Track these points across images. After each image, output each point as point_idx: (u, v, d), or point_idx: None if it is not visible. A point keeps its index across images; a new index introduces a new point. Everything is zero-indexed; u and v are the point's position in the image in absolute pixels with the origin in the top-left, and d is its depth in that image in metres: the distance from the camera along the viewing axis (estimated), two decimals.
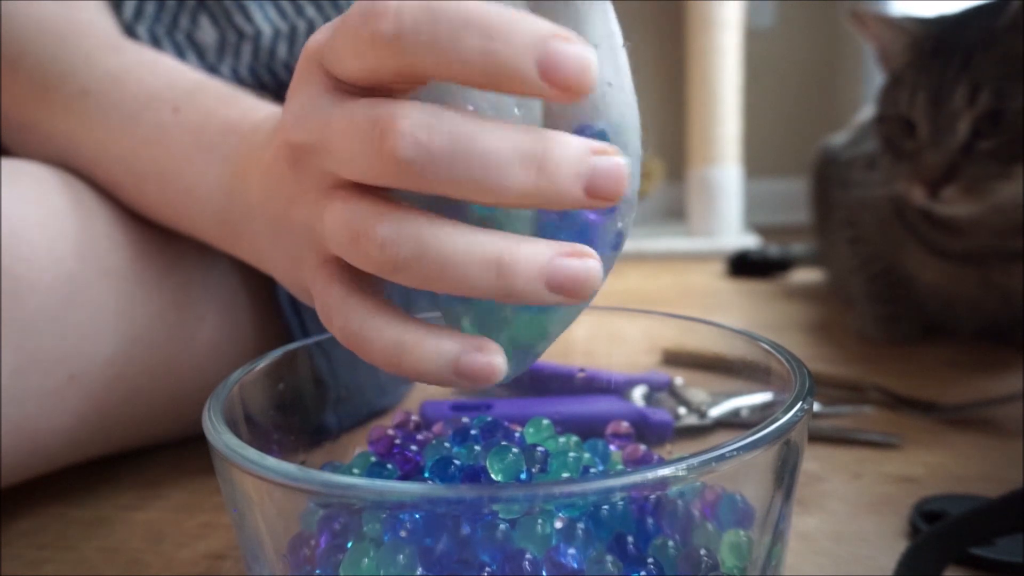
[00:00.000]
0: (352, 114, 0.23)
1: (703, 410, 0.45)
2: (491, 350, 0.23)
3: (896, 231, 0.67)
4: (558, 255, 0.22)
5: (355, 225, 0.23)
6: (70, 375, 0.38)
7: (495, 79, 0.21)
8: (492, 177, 0.21)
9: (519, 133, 0.21)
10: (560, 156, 0.21)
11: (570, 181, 0.21)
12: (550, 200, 0.21)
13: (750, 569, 0.26)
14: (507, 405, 0.45)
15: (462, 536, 0.24)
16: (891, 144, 0.62)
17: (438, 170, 0.21)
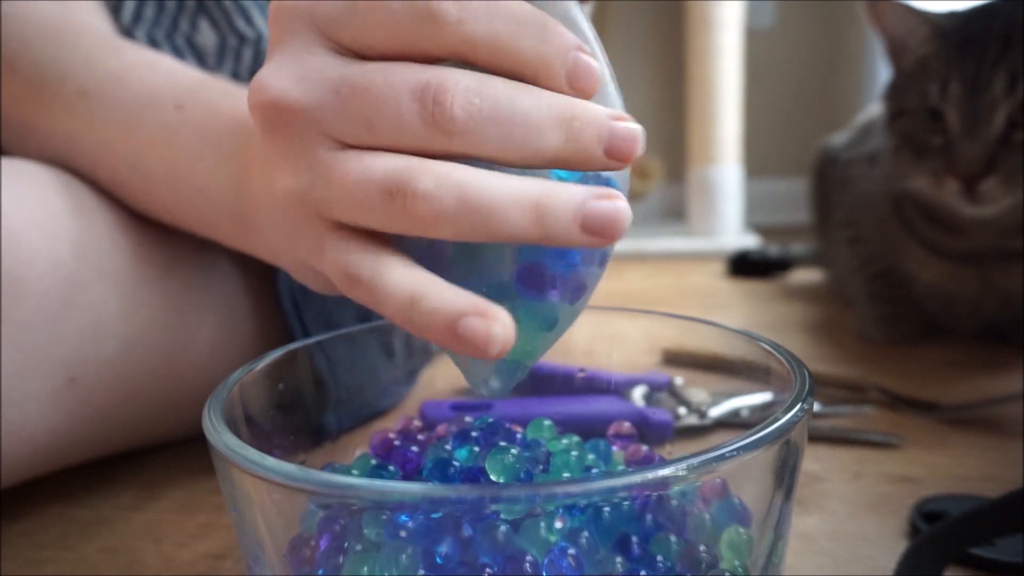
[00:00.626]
0: (388, 76, 0.24)
1: (703, 410, 0.45)
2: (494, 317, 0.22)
3: (896, 231, 0.67)
4: (591, 197, 0.23)
5: (391, 182, 0.23)
6: (70, 377, 0.38)
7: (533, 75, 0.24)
8: (531, 138, 0.23)
9: (551, 98, 0.24)
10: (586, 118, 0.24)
11: (594, 142, 0.24)
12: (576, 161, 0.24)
13: (751, 569, 0.26)
14: (507, 405, 0.45)
15: (463, 538, 0.24)
16: (912, 139, 0.61)
17: (484, 132, 0.23)
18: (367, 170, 0.24)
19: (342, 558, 0.25)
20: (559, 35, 0.24)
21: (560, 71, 0.24)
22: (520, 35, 0.24)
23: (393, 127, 0.24)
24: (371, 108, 0.24)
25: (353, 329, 0.38)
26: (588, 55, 0.24)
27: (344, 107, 0.24)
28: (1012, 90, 0.55)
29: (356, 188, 0.24)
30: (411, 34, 0.24)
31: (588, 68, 0.24)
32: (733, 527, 0.26)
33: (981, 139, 0.55)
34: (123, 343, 0.40)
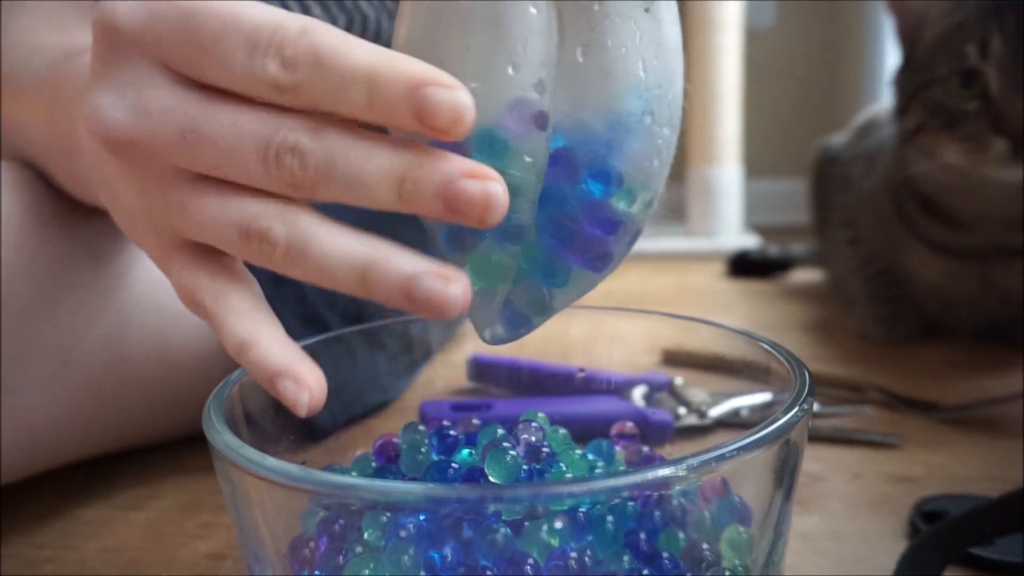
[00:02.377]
0: (236, 127, 0.23)
1: (703, 410, 0.45)
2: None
3: (896, 228, 0.67)
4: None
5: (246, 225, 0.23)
6: (64, 360, 0.38)
7: (380, 122, 0.22)
8: (366, 196, 0.23)
9: (385, 155, 0.22)
10: (420, 178, 0.22)
11: (431, 201, 0.22)
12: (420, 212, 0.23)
13: (751, 568, 0.26)
14: (507, 405, 0.45)
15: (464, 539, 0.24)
16: (943, 109, 0.58)
17: (325, 188, 0.23)
18: (223, 209, 0.23)
19: (342, 558, 0.25)
20: (393, 80, 0.21)
21: (405, 114, 0.22)
22: (345, 90, 0.22)
23: (241, 177, 0.23)
24: (219, 158, 0.23)
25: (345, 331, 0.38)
26: (446, 87, 0.21)
27: (192, 152, 0.23)
28: None
29: (214, 224, 0.24)
30: (250, 90, 0.23)
31: (438, 104, 0.21)
32: (734, 526, 0.26)
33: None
34: (116, 322, 0.40)
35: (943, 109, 0.59)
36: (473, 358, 0.52)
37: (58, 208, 0.39)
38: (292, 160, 0.22)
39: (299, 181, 0.23)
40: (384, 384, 0.50)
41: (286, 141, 0.22)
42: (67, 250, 0.38)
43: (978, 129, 0.56)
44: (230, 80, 0.23)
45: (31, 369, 0.37)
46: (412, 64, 0.22)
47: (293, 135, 0.22)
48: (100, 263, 0.40)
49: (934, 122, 0.59)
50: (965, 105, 0.57)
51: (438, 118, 0.21)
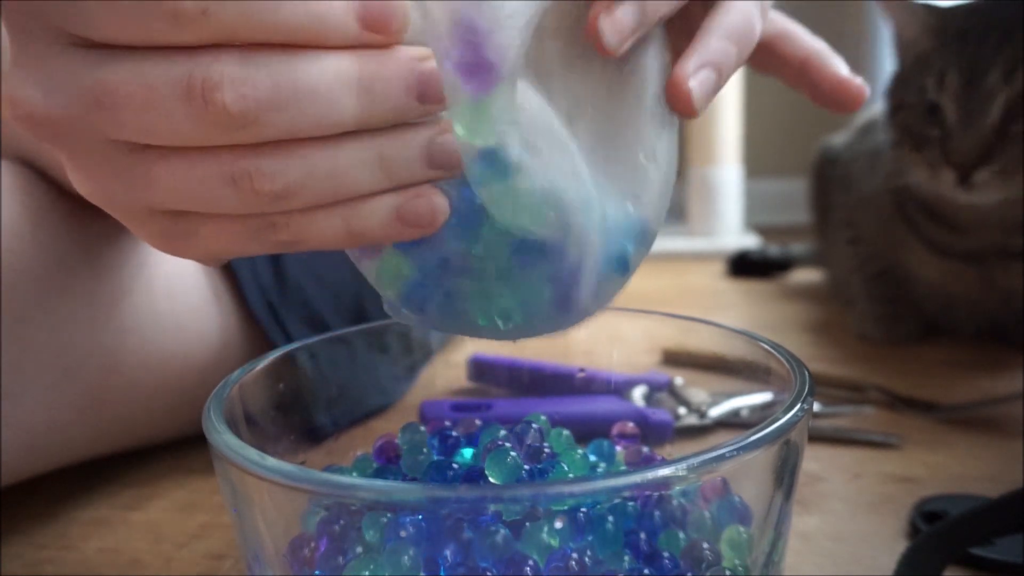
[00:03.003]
0: (146, 78, 0.20)
1: (703, 410, 0.45)
2: (426, 192, 0.23)
3: (897, 229, 0.67)
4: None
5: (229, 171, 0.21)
6: (64, 367, 0.38)
7: (317, 41, 0.21)
8: (326, 113, 0.21)
9: (338, 61, 0.21)
10: (387, 75, 0.21)
11: (402, 97, 0.21)
12: (387, 120, 0.22)
13: (751, 568, 0.26)
14: (507, 405, 0.45)
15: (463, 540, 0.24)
16: (911, 132, 0.61)
17: (270, 119, 0.20)
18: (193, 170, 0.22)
19: (342, 559, 0.25)
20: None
21: (347, 22, 0.20)
22: (280, 5, 0.20)
23: (172, 133, 0.21)
24: (140, 117, 0.21)
25: (346, 331, 0.38)
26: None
27: (114, 118, 0.21)
28: (1009, 80, 0.55)
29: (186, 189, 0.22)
30: (154, 32, 0.20)
31: (383, 6, 0.20)
32: (734, 526, 0.26)
33: (977, 129, 0.56)
34: (116, 330, 0.40)
35: (911, 133, 0.61)
36: (473, 358, 0.52)
37: (59, 214, 0.39)
38: (223, 95, 0.20)
39: (237, 117, 0.20)
40: (385, 387, 0.50)
41: (210, 75, 0.20)
42: (67, 256, 0.38)
43: (933, 157, 0.59)
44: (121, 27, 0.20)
45: (30, 375, 0.37)
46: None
47: (217, 66, 0.20)
48: (100, 270, 0.40)
49: (906, 142, 0.62)
50: (928, 132, 0.59)
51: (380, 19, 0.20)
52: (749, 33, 0.29)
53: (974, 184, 0.56)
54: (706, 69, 0.27)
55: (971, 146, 0.56)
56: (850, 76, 0.32)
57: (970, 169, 0.56)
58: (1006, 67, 0.55)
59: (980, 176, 0.56)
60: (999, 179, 0.56)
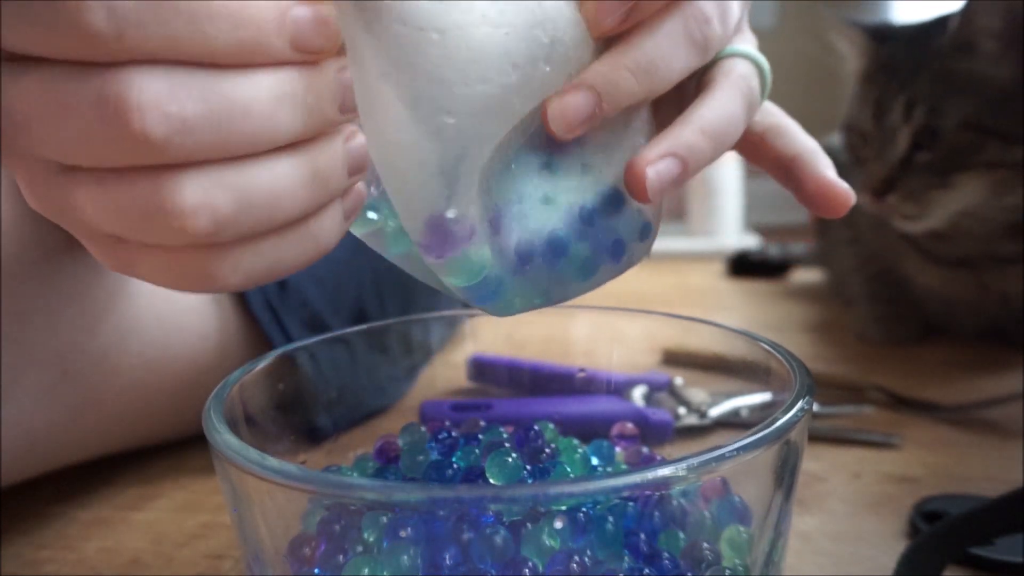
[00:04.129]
0: (58, 92, 0.19)
1: (703, 410, 0.45)
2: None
3: (890, 235, 0.67)
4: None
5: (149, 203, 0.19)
6: (63, 370, 0.38)
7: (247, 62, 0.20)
8: (262, 131, 0.20)
9: (272, 77, 0.20)
10: (319, 87, 0.21)
11: (331, 109, 0.21)
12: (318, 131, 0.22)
13: (751, 567, 0.26)
14: (507, 405, 0.45)
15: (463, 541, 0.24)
16: (853, 151, 0.65)
17: (199, 139, 0.19)
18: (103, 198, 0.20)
19: (342, 558, 0.25)
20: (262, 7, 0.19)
21: (278, 44, 0.19)
22: (204, 31, 0.18)
23: (93, 153, 0.19)
24: (56, 134, 0.19)
25: (346, 331, 0.38)
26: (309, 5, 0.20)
27: (29, 135, 0.19)
28: (909, 117, 0.58)
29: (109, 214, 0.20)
30: (65, 49, 0.18)
31: (312, 23, 0.20)
32: (734, 526, 0.26)
33: (885, 159, 0.59)
34: (116, 333, 0.40)
35: (853, 152, 0.65)
36: (473, 358, 0.52)
37: None
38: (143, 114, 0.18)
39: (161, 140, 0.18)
40: (385, 387, 0.50)
41: (127, 93, 0.18)
42: (66, 258, 0.38)
43: (860, 179, 0.62)
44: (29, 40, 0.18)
45: (30, 377, 0.37)
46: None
47: (136, 81, 0.18)
48: (101, 273, 0.40)
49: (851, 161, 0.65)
50: (861, 154, 0.63)
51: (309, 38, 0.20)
52: (729, 129, 0.29)
53: (886, 205, 0.60)
54: (669, 159, 0.27)
55: (879, 174, 0.60)
56: (836, 180, 0.31)
57: (880, 194, 0.60)
58: (905, 104, 0.58)
59: (890, 200, 0.59)
60: (907, 203, 0.59)
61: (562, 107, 0.25)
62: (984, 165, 0.56)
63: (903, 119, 0.58)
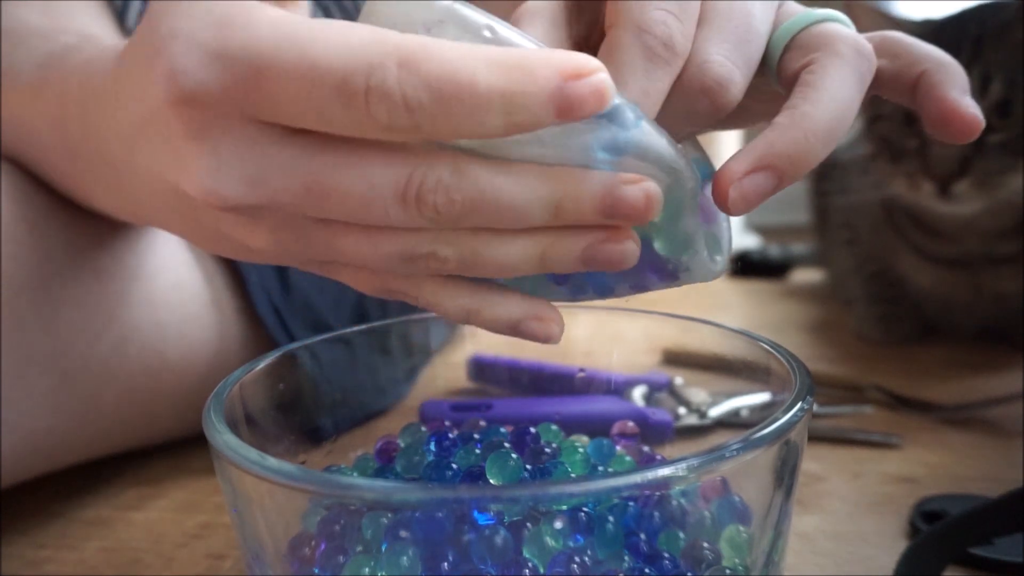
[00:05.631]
0: (368, 179, 0.22)
1: (703, 410, 0.45)
2: (548, 319, 0.25)
3: (888, 236, 0.67)
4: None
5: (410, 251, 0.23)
6: (63, 374, 0.38)
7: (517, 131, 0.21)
8: (517, 222, 0.22)
9: (537, 179, 0.22)
10: (578, 197, 0.22)
11: (592, 215, 0.22)
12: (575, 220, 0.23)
13: (751, 567, 0.26)
14: (507, 405, 0.45)
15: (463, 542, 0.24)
16: (889, 143, 0.61)
17: (467, 219, 0.22)
18: (375, 247, 0.23)
19: (342, 558, 0.25)
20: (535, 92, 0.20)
21: (545, 115, 0.20)
22: (479, 119, 0.20)
23: (380, 221, 0.22)
24: (353, 209, 0.22)
25: (347, 331, 0.38)
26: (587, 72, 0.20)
27: (321, 206, 0.22)
28: (984, 91, 0.55)
29: (368, 260, 0.24)
30: (364, 135, 0.21)
31: (580, 92, 0.20)
32: (733, 525, 0.26)
33: None
34: (116, 339, 0.40)
35: (888, 144, 0.61)
36: (473, 358, 0.52)
37: (59, 222, 0.39)
38: (435, 199, 0.21)
39: (444, 216, 0.22)
40: (385, 388, 0.50)
41: (426, 181, 0.21)
42: (67, 264, 0.38)
43: (912, 168, 0.59)
44: (339, 130, 0.21)
45: (30, 382, 0.37)
46: (548, 61, 0.20)
47: (432, 173, 0.21)
48: (102, 278, 0.40)
49: (884, 154, 0.62)
50: (906, 143, 0.59)
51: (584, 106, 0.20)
52: (843, 123, 0.25)
53: (953, 195, 0.57)
54: (759, 175, 0.24)
55: (949, 157, 0.56)
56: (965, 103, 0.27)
57: (949, 180, 0.56)
58: (981, 79, 0.55)
59: (959, 187, 0.56)
60: (977, 189, 0.57)
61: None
62: None
63: (978, 93, 0.55)
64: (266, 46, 0.21)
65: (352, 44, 0.20)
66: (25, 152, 0.39)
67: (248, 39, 0.21)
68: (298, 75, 0.20)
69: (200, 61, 0.21)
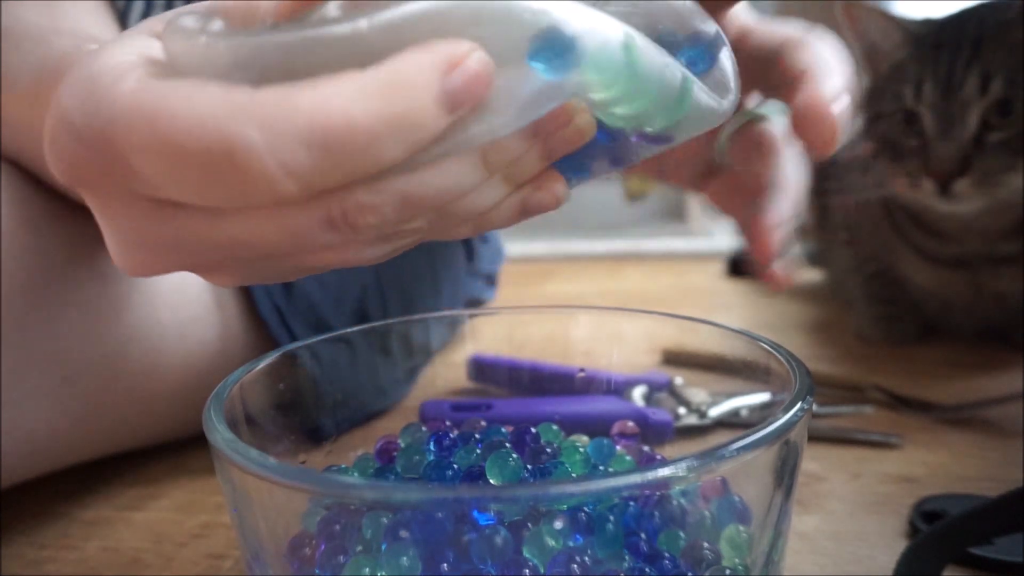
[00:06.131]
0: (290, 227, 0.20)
1: (703, 410, 0.45)
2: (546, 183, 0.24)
3: (888, 235, 0.67)
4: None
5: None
6: (64, 376, 0.38)
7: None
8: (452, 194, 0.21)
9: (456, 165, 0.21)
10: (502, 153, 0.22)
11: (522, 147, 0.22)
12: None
13: (751, 567, 0.26)
14: (507, 405, 0.45)
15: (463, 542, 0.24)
16: (889, 143, 0.61)
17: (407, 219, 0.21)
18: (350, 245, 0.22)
19: (342, 558, 0.25)
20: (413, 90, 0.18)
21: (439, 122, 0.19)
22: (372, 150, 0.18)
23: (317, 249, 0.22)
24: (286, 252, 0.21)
25: (347, 331, 0.38)
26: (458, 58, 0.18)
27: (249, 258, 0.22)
28: (985, 91, 0.55)
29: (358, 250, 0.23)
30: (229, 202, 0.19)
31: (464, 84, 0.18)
32: (733, 525, 0.26)
33: (955, 140, 0.56)
34: (117, 341, 0.40)
35: (889, 143, 0.61)
36: (473, 358, 0.52)
37: (60, 223, 0.39)
38: (365, 219, 0.20)
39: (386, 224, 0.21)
40: (385, 389, 0.50)
41: (347, 211, 0.20)
42: (68, 266, 0.38)
43: (912, 167, 0.59)
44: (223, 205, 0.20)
45: (31, 383, 0.37)
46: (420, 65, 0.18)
47: (349, 198, 0.20)
48: (103, 280, 0.40)
49: (884, 153, 0.62)
50: (906, 142, 0.59)
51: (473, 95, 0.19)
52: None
53: (954, 193, 0.57)
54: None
55: (950, 156, 0.56)
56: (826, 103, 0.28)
57: (950, 179, 0.56)
58: (981, 78, 0.55)
59: (959, 186, 0.56)
60: (978, 188, 0.56)
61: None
62: None
63: (978, 93, 0.55)
64: (121, 125, 0.19)
65: (205, 111, 0.18)
66: (28, 154, 0.39)
67: (107, 117, 0.19)
68: (154, 154, 0.18)
69: (69, 142, 0.20)
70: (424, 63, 0.18)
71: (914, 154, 0.59)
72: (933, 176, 0.57)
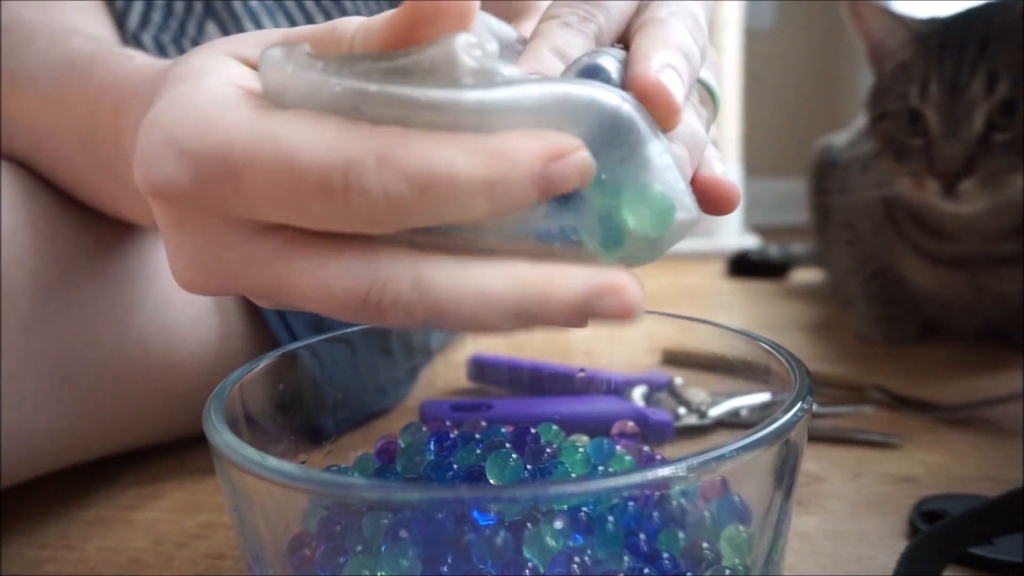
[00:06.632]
0: (324, 280, 0.21)
1: (703, 410, 0.45)
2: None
3: (888, 235, 0.67)
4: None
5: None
6: (64, 377, 0.38)
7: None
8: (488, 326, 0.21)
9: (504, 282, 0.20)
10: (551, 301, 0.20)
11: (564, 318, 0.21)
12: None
13: (751, 567, 0.26)
14: (507, 405, 0.45)
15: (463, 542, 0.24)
16: (894, 142, 0.61)
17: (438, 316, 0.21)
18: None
19: (342, 558, 0.25)
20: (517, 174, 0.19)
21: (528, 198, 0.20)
22: (462, 207, 0.19)
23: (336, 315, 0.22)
24: (316, 307, 0.22)
25: (348, 331, 0.38)
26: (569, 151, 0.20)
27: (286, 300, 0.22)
28: (991, 91, 0.55)
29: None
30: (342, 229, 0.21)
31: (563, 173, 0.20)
32: (733, 525, 0.26)
33: (961, 139, 0.56)
34: (117, 342, 0.40)
35: (894, 142, 0.61)
36: (473, 358, 0.52)
37: (61, 223, 0.39)
38: (395, 312, 0.21)
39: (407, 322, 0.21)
40: (385, 389, 0.50)
41: (384, 297, 0.20)
42: (69, 267, 0.38)
43: (917, 167, 0.59)
44: (319, 226, 0.21)
45: (31, 384, 0.37)
46: (527, 147, 0.19)
47: (392, 287, 0.20)
48: (103, 281, 0.40)
49: (888, 152, 0.62)
50: (911, 141, 0.59)
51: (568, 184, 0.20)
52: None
53: (959, 193, 0.57)
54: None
55: (955, 156, 0.56)
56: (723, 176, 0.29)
57: (954, 179, 0.56)
58: (987, 77, 0.55)
59: (965, 186, 0.56)
60: (983, 189, 0.56)
61: None
62: None
63: (984, 93, 0.55)
64: (241, 146, 0.20)
65: (328, 140, 0.20)
66: (36, 156, 0.39)
67: (224, 139, 0.21)
68: (274, 175, 0.20)
69: (174, 158, 0.21)
70: (533, 144, 0.20)
71: (919, 154, 0.59)
72: (938, 176, 0.57)
